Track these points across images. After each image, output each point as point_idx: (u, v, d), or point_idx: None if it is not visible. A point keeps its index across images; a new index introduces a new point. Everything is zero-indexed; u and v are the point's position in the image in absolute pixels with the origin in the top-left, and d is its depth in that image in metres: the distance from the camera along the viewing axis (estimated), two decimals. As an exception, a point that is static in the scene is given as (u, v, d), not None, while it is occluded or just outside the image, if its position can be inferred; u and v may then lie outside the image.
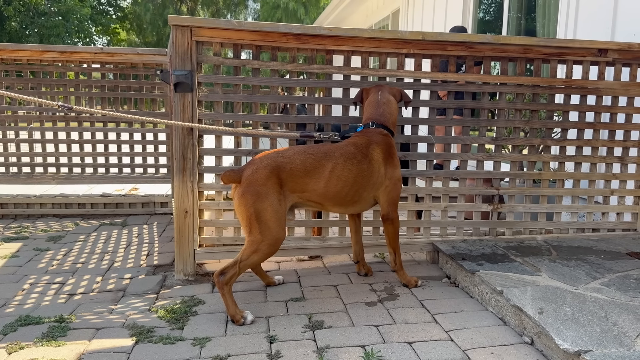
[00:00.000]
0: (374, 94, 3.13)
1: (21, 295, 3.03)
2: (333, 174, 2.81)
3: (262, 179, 2.66)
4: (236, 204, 2.71)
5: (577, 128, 3.73)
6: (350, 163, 2.86)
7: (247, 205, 2.64)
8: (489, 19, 8.34)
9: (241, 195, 2.66)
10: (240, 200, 2.67)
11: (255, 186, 2.65)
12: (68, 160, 5.36)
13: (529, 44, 3.51)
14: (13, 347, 2.35)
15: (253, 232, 2.65)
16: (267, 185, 2.66)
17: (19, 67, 5.21)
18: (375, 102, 3.09)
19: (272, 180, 2.68)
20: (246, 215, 2.66)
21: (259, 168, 2.69)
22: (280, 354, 2.31)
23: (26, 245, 4.06)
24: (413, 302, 2.92)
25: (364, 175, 2.90)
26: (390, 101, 3.13)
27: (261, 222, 2.64)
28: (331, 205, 2.92)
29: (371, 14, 12.74)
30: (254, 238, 2.65)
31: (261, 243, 2.64)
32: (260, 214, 2.64)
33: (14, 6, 24.81)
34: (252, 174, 2.68)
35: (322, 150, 2.88)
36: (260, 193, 2.64)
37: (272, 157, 2.75)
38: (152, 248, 4.02)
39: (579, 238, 3.75)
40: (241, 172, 2.71)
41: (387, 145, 3.00)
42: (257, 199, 2.64)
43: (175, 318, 2.69)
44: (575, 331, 2.23)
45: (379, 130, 3.02)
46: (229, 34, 3.18)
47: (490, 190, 3.65)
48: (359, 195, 2.93)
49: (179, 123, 3.12)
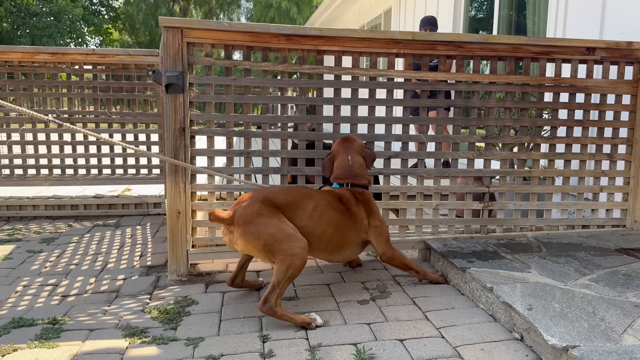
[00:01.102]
0: (344, 157, 3.13)
1: (14, 297, 3.04)
2: (315, 211, 2.81)
3: (257, 209, 2.64)
4: (242, 245, 2.66)
5: (567, 126, 3.77)
6: (331, 207, 2.88)
7: (256, 237, 2.60)
8: (480, 17, 8.38)
9: (242, 234, 2.63)
10: (244, 239, 2.63)
11: (253, 218, 2.62)
12: (61, 162, 5.35)
13: (518, 43, 3.55)
14: (6, 348, 2.36)
15: (278, 254, 2.58)
16: (264, 213, 2.64)
17: (10, 69, 5.20)
18: (347, 166, 3.11)
19: (267, 207, 2.67)
20: (261, 247, 2.60)
21: (250, 203, 2.66)
22: (273, 353, 2.33)
23: (19, 247, 4.06)
24: (405, 300, 2.94)
25: (345, 219, 2.92)
26: (362, 164, 3.15)
27: (281, 242, 2.59)
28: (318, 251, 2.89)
29: (363, 12, 12.77)
30: (282, 258, 2.57)
31: (292, 258, 2.58)
32: (275, 235, 2.60)
33: (5, 7, 24.68)
34: (244, 211, 2.64)
35: (305, 191, 2.91)
36: (262, 221, 2.61)
37: (258, 193, 2.76)
38: (145, 249, 4.03)
39: (569, 235, 3.79)
40: (231, 215, 2.67)
41: (364, 202, 3.06)
42: (263, 226, 2.61)
43: (168, 318, 2.70)
44: (564, 327, 2.26)
45: (354, 189, 3.07)
46: (220, 35, 3.20)
47: (481, 188, 3.69)
48: (343, 238, 2.93)
49: (171, 160, 3.13)
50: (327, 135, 3.49)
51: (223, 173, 3.42)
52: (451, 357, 2.29)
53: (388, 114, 3.56)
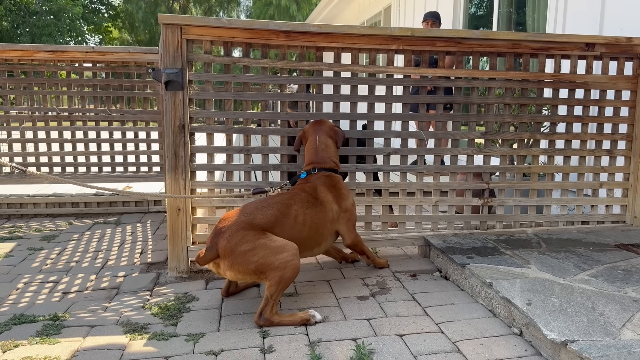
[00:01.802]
0: (312, 139, 3.14)
1: (15, 294, 3.05)
2: (297, 220, 2.81)
3: (240, 238, 2.58)
4: (232, 275, 2.62)
5: (566, 122, 3.77)
6: (307, 207, 2.88)
7: (245, 265, 2.55)
8: (480, 14, 8.37)
9: (231, 266, 2.57)
10: (234, 270, 2.58)
11: (238, 247, 2.56)
12: (61, 160, 5.36)
13: (517, 39, 3.54)
14: (7, 345, 2.37)
15: (269, 272, 2.54)
16: (248, 239, 2.58)
17: (10, 67, 5.20)
18: (313, 148, 3.11)
19: (250, 232, 2.61)
20: (252, 272, 2.56)
21: (232, 234, 2.59)
22: (273, 348, 2.34)
23: (20, 245, 4.07)
24: (404, 296, 2.95)
25: (321, 216, 2.94)
26: (328, 145, 3.15)
27: (270, 261, 2.55)
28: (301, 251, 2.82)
29: (363, 10, 12.75)
30: (274, 275, 2.54)
31: (284, 271, 2.54)
32: (263, 257, 2.55)
33: (5, 5, 24.66)
34: (228, 243, 2.57)
35: (279, 199, 2.88)
36: (248, 248, 2.56)
37: (237, 220, 2.66)
38: (145, 246, 4.04)
39: (569, 230, 3.80)
40: (215, 247, 2.59)
41: (332, 185, 3.06)
42: (250, 253, 2.55)
43: (169, 315, 2.71)
44: (563, 322, 2.27)
45: (321, 174, 3.07)
46: (219, 32, 3.20)
47: (481, 185, 3.69)
48: (320, 235, 2.96)
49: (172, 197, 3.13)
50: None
51: (223, 170, 3.44)
52: (450, 352, 2.30)
53: (387, 111, 3.56)
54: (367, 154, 3.58)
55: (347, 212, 3.09)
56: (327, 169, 3.11)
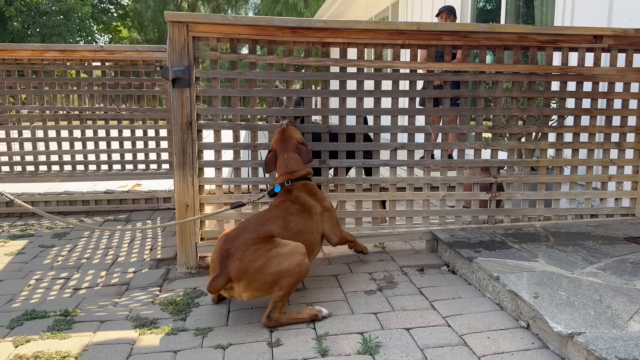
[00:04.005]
0: (282, 157, 3.14)
1: (27, 290, 3.10)
2: (295, 231, 2.78)
3: (252, 253, 2.49)
4: (249, 295, 2.50)
5: (574, 115, 3.75)
6: (302, 218, 2.89)
7: (262, 281, 2.47)
8: (488, 8, 8.33)
9: (248, 286, 2.47)
10: (250, 289, 2.48)
11: (253, 265, 2.46)
12: (71, 158, 5.41)
13: (524, 32, 3.53)
14: (20, 339, 2.41)
15: (284, 281, 2.48)
16: (261, 252, 2.50)
17: (20, 67, 5.26)
18: (284, 165, 3.12)
19: (261, 244, 2.54)
20: (269, 285, 2.49)
21: (243, 252, 2.49)
22: (280, 342, 2.36)
23: (32, 242, 4.12)
24: (411, 290, 2.96)
25: (313, 223, 2.94)
26: (297, 159, 3.14)
27: (286, 270, 2.49)
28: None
29: (371, 5, 12.72)
30: (287, 281, 2.49)
31: (298, 275, 2.53)
32: (280, 266, 2.48)
33: (15, 6, 24.88)
34: (241, 262, 2.47)
35: (274, 214, 2.85)
36: (262, 262, 2.48)
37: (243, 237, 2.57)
38: (155, 242, 4.08)
39: (577, 224, 3.78)
40: (225, 271, 2.47)
41: (312, 192, 3.08)
42: (264, 267, 2.47)
43: (178, 310, 2.74)
44: (570, 314, 2.27)
45: (297, 184, 3.08)
46: (225, 28, 3.22)
47: (489, 179, 3.68)
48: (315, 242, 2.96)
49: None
50: (335, 127, 3.50)
51: (230, 167, 3.46)
52: (457, 345, 2.30)
53: (394, 106, 3.56)
54: (374, 149, 3.59)
55: (328, 211, 3.10)
56: (300, 178, 3.11)
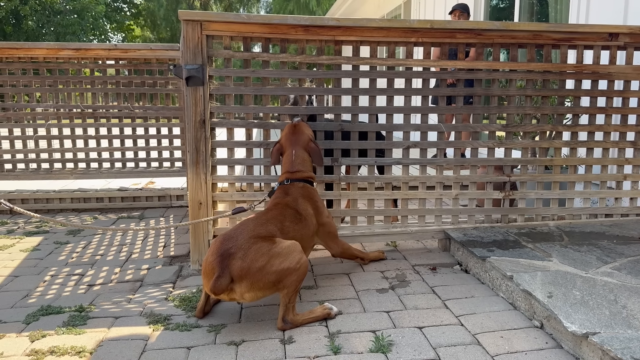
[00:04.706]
0: (289, 152, 3.07)
1: (42, 286, 3.13)
2: (289, 236, 2.69)
3: (255, 252, 2.43)
4: (252, 295, 2.44)
5: (589, 113, 3.72)
6: (295, 223, 2.80)
7: (265, 280, 2.41)
8: (501, 6, 8.28)
9: (251, 286, 2.40)
10: (254, 289, 2.42)
11: (256, 263, 2.40)
12: (85, 156, 5.46)
13: (538, 29, 3.50)
14: (36, 335, 2.44)
15: (287, 279, 2.44)
16: (264, 251, 2.44)
17: (35, 65, 5.31)
18: (290, 162, 3.05)
19: (263, 242, 2.49)
20: (272, 284, 2.43)
21: (246, 251, 2.42)
22: (293, 339, 2.36)
23: (46, 239, 4.17)
24: (424, 289, 2.95)
25: (306, 231, 2.86)
26: (305, 159, 3.08)
27: (287, 268, 2.44)
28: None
29: (383, 4, 12.69)
30: (290, 279, 2.45)
31: (298, 272, 2.47)
32: (281, 265, 2.43)
33: (30, 5, 25.14)
34: (243, 261, 2.39)
35: (271, 216, 2.76)
36: (265, 261, 2.41)
37: (244, 236, 2.50)
38: (168, 240, 4.10)
39: (592, 223, 3.75)
40: (227, 271, 2.38)
41: (310, 197, 2.99)
42: (267, 266, 2.41)
43: (191, 306, 2.76)
44: (584, 314, 2.25)
45: (296, 185, 3.00)
46: (239, 27, 3.23)
47: (502, 178, 3.66)
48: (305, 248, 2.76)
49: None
50: (347, 126, 3.49)
51: (243, 164, 3.47)
52: (470, 344, 2.29)
53: (407, 104, 3.56)
54: (386, 148, 3.58)
55: (325, 225, 3.04)
56: (301, 179, 3.04)
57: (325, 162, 3.46)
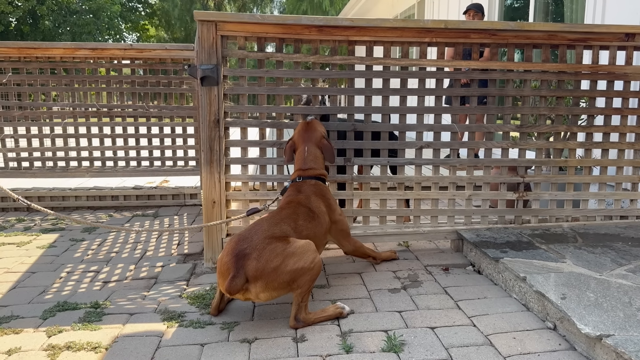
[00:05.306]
0: (302, 149, 3.06)
1: (59, 282, 3.18)
2: (302, 235, 2.70)
3: (270, 252, 2.43)
4: (268, 295, 2.44)
5: (604, 114, 3.69)
6: (308, 221, 2.80)
7: (280, 280, 2.42)
8: (516, 6, 8.23)
9: (266, 286, 2.40)
10: (269, 289, 2.42)
11: (271, 263, 2.40)
12: (101, 154, 5.52)
13: (553, 30, 3.48)
14: (53, 330, 2.48)
15: (301, 279, 2.45)
16: (278, 251, 2.44)
17: (52, 65, 5.38)
18: (302, 159, 3.04)
19: (277, 243, 2.49)
20: (286, 283, 2.44)
21: (261, 251, 2.43)
22: (305, 338, 2.38)
23: (62, 236, 4.22)
24: (436, 289, 2.95)
25: (319, 229, 2.86)
26: (317, 156, 3.07)
27: (301, 267, 2.45)
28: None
29: (396, 3, 12.66)
30: (304, 279, 2.46)
31: (312, 271, 2.48)
32: (296, 265, 2.44)
33: (47, 5, 25.43)
34: (258, 261, 2.40)
35: (285, 215, 2.76)
36: (280, 261, 2.42)
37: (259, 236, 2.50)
38: (182, 238, 4.14)
39: (606, 225, 3.72)
40: (242, 271, 2.39)
41: (322, 195, 2.99)
42: (281, 265, 2.41)
43: (204, 304, 2.78)
44: (598, 316, 2.24)
45: (308, 182, 3.00)
46: (253, 27, 3.25)
47: (516, 178, 3.64)
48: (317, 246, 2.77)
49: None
50: (360, 126, 3.50)
51: (256, 164, 3.50)
52: (482, 345, 2.29)
53: (420, 104, 3.55)
54: (399, 148, 3.58)
55: (338, 222, 3.05)
56: (313, 176, 3.04)
57: (337, 161, 3.47)
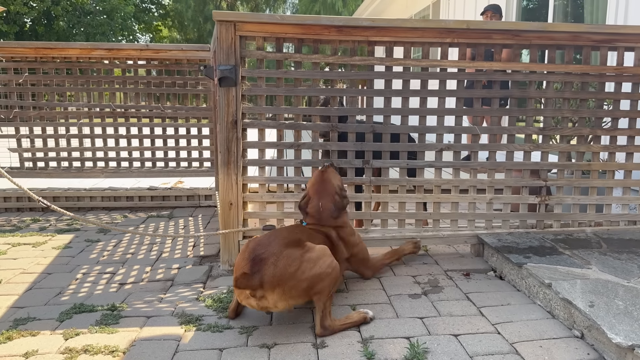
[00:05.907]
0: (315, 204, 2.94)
1: (75, 284, 3.16)
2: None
3: (286, 258, 2.38)
4: (285, 304, 2.38)
5: (629, 117, 3.60)
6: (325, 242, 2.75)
7: (298, 288, 2.37)
8: (533, 6, 8.13)
9: (283, 294, 2.35)
10: (286, 297, 2.36)
11: (288, 269, 2.35)
12: (116, 155, 5.52)
13: (577, 30, 3.41)
14: (69, 333, 2.45)
15: (319, 285, 2.40)
16: (296, 257, 2.40)
17: (68, 65, 5.39)
18: (317, 212, 2.92)
19: (293, 249, 2.45)
20: (304, 291, 2.39)
21: (278, 257, 2.38)
22: (325, 344, 2.33)
23: (78, 237, 4.21)
24: (458, 295, 2.89)
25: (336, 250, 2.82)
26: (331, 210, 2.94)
27: (319, 274, 2.40)
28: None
29: (411, 4, 12.58)
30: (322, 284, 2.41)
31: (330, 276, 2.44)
32: (312, 271, 2.39)
33: (62, 6, 25.63)
34: (275, 267, 2.35)
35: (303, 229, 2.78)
36: (296, 267, 2.37)
37: (276, 242, 2.47)
38: (198, 240, 4.11)
39: (631, 230, 3.63)
40: (259, 274, 2.33)
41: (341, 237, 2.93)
42: (298, 272, 2.37)
43: (222, 307, 2.74)
44: (629, 325, 2.17)
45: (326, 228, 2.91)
46: (272, 27, 3.21)
47: (538, 182, 3.57)
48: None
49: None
50: (379, 128, 3.45)
51: (274, 165, 3.45)
52: (508, 353, 2.23)
53: (440, 105, 3.49)
54: (418, 150, 3.53)
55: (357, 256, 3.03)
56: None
57: (356, 164, 3.43)
